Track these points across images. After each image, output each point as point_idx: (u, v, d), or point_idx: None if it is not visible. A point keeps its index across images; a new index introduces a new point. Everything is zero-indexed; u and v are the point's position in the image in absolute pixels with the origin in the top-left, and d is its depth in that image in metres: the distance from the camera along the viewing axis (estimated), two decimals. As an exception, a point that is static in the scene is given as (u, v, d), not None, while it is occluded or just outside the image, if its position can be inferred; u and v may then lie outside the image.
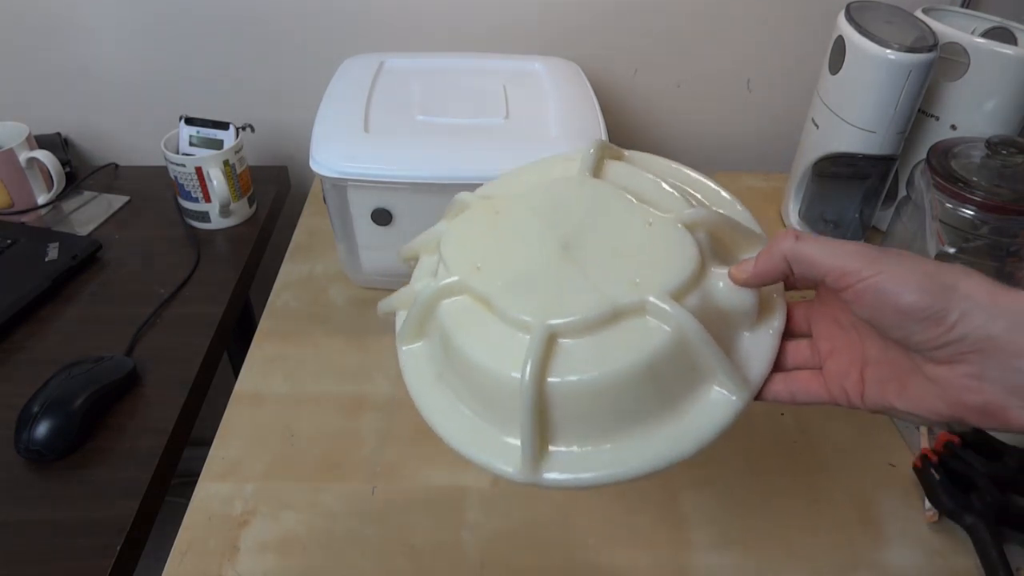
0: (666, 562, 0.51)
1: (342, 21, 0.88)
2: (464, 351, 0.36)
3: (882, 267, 0.30)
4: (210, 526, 0.53)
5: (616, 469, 0.34)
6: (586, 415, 0.35)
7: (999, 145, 0.62)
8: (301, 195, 0.94)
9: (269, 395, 0.63)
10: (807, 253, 0.32)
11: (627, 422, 0.35)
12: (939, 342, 0.29)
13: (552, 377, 0.34)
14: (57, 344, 0.68)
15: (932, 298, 0.29)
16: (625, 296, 0.34)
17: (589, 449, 0.35)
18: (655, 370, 0.34)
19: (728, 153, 1.00)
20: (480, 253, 0.38)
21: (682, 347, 0.34)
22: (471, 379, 0.37)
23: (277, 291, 0.75)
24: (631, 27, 0.89)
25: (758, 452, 0.59)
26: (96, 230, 0.83)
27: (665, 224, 0.37)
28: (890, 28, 0.69)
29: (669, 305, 0.34)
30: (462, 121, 0.68)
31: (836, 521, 0.54)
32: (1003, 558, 0.49)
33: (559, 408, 0.34)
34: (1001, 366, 0.28)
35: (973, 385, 0.29)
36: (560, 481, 0.35)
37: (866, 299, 0.30)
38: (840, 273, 0.31)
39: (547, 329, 0.34)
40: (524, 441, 0.34)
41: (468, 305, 0.37)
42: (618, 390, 0.34)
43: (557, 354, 0.34)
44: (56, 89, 0.92)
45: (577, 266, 0.36)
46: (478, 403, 0.37)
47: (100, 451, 0.58)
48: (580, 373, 0.34)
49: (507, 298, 0.36)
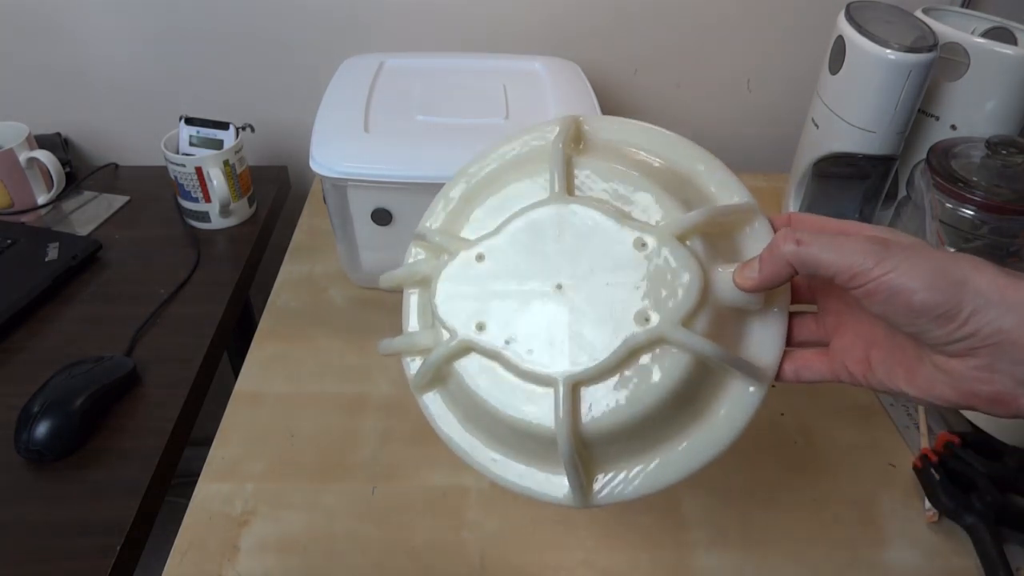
0: (666, 562, 0.51)
1: (342, 21, 0.88)
2: (491, 406, 0.37)
3: (892, 264, 0.29)
4: (210, 526, 0.53)
5: (661, 479, 0.37)
6: (622, 446, 0.36)
7: (999, 145, 0.62)
8: (301, 195, 0.94)
9: (269, 395, 0.63)
10: (811, 256, 0.31)
11: (661, 440, 0.37)
12: (952, 338, 0.29)
13: (584, 422, 0.35)
14: (57, 344, 0.68)
15: (944, 296, 0.29)
16: (638, 334, 0.34)
17: (632, 470, 0.37)
18: (680, 394, 0.35)
19: (728, 153, 0.98)
20: (477, 310, 0.37)
21: (702, 367, 0.35)
22: (502, 428, 0.38)
23: (277, 291, 0.75)
24: (631, 27, 0.89)
25: (758, 452, 0.59)
26: (96, 230, 0.83)
27: (658, 242, 0.35)
28: (890, 28, 0.69)
29: (684, 336, 0.34)
30: (462, 121, 0.68)
31: (836, 521, 0.54)
32: (1003, 558, 0.49)
33: (596, 447, 0.36)
34: (1012, 359, 0.28)
35: (984, 376, 0.29)
36: (612, 500, 0.37)
37: (877, 298, 0.30)
38: (849, 274, 0.30)
39: (569, 381, 0.35)
40: (570, 480, 0.36)
41: (482, 363, 0.37)
42: (649, 420, 0.35)
43: (584, 399, 0.35)
44: (56, 89, 0.92)
45: (578, 307, 0.36)
46: (513, 447, 0.39)
47: (100, 451, 0.58)
48: (610, 416, 0.35)
49: (520, 356, 0.36)
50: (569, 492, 0.37)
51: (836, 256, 0.30)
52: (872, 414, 0.63)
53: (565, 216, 0.37)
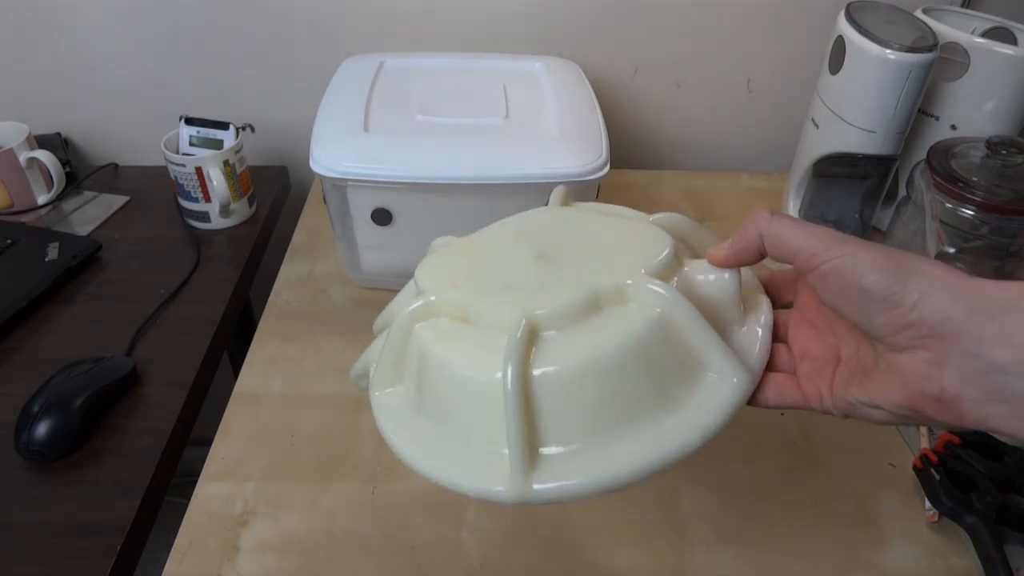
0: (666, 562, 0.51)
1: (342, 21, 0.88)
2: (443, 365, 0.34)
3: (846, 249, 0.30)
4: (210, 526, 0.53)
5: (614, 470, 0.31)
6: (576, 410, 0.32)
7: (999, 145, 0.62)
8: (301, 195, 0.94)
9: (269, 395, 0.63)
10: (780, 232, 0.32)
11: (622, 418, 0.32)
12: (899, 324, 0.29)
13: (536, 369, 0.32)
14: (57, 344, 0.68)
15: (892, 279, 0.29)
16: (604, 281, 0.34)
17: (583, 449, 0.32)
18: (645, 353, 0.32)
19: (728, 153, 1.00)
20: (454, 273, 0.37)
21: (671, 327, 0.33)
22: (452, 397, 0.35)
23: (277, 291, 0.75)
24: (631, 27, 0.89)
25: (758, 452, 0.59)
26: (96, 230, 0.83)
27: (636, 224, 0.38)
28: (890, 28, 0.69)
29: (653, 283, 0.33)
30: (462, 121, 0.68)
31: (836, 521, 0.54)
32: (1003, 558, 0.49)
33: (546, 404, 0.32)
34: (959, 352, 0.28)
35: (932, 372, 0.28)
36: (553, 491, 0.32)
37: (830, 281, 0.31)
38: (808, 254, 0.31)
39: (527, 321, 0.32)
40: (512, 446, 0.32)
41: (445, 326, 0.36)
42: (608, 377, 0.32)
43: (540, 348, 0.33)
44: (56, 89, 0.92)
45: (553, 268, 0.36)
46: (461, 424, 0.35)
47: (100, 451, 0.58)
48: (565, 361, 0.32)
49: (485, 302, 0.35)
50: (508, 475, 0.32)
51: (801, 236, 0.31)
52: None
53: (558, 213, 0.41)
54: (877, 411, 0.31)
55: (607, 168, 0.64)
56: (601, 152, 0.65)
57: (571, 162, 0.63)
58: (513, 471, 0.32)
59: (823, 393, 0.34)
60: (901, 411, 0.30)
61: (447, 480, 0.34)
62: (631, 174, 0.95)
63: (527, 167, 0.63)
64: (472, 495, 0.33)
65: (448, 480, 0.34)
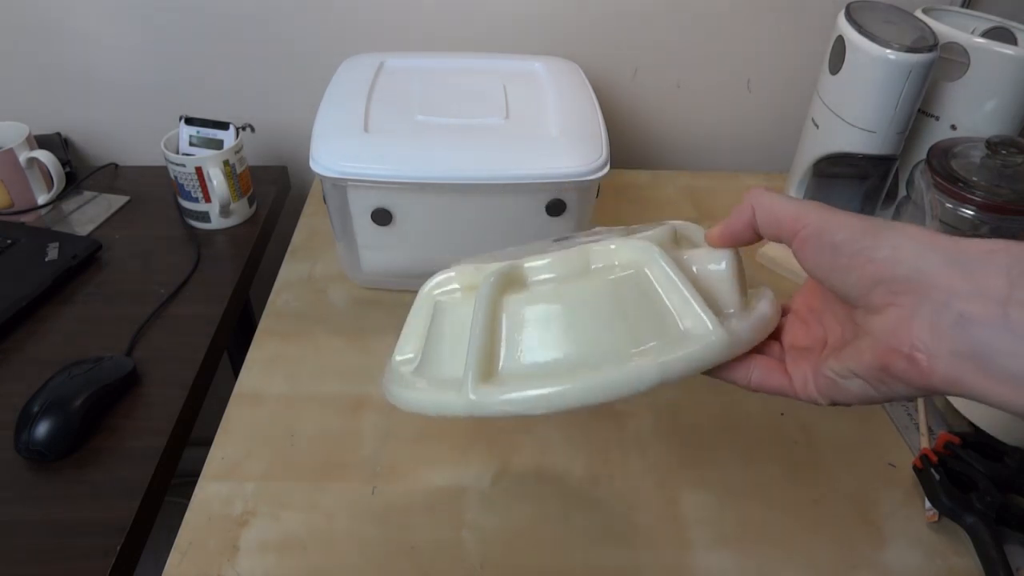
0: (666, 562, 0.51)
1: (342, 21, 0.88)
2: (443, 310, 0.37)
3: (826, 214, 0.31)
4: (210, 526, 0.53)
5: (564, 387, 0.31)
6: (540, 338, 0.33)
7: (999, 145, 0.62)
8: (301, 195, 0.94)
9: (269, 395, 0.63)
10: (769, 203, 0.33)
11: (586, 350, 0.33)
12: (870, 279, 0.29)
13: (508, 297, 0.34)
14: (57, 344, 0.68)
15: (862, 234, 0.29)
16: (595, 246, 0.35)
17: (541, 371, 0.33)
18: (620, 298, 0.33)
19: (728, 153, 1.00)
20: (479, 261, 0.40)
21: (649, 281, 0.34)
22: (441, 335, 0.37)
23: (277, 291, 0.75)
24: (631, 27, 0.89)
25: (758, 452, 0.59)
26: (96, 230, 0.83)
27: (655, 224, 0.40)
28: (890, 28, 0.69)
29: (634, 242, 0.34)
30: (462, 121, 0.68)
31: (836, 521, 0.54)
32: (1003, 558, 0.49)
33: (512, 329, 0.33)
34: (931, 304, 0.27)
35: (902, 328, 0.28)
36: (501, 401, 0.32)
37: (809, 244, 0.31)
38: (792, 220, 0.32)
39: (514, 264, 0.35)
40: (468, 359, 0.33)
41: (461, 295, 0.38)
42: (578, 315, 0.33)
43: (523, 289, 0.35)
44: (56, 89, 0.92)
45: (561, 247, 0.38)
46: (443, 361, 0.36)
47: (100, 451, 0.58)
48: (540, 298, 0.34)
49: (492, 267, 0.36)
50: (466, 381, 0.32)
51: (788, 206, 0.33)
52: (872, 414, 0.63)
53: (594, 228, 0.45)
54: (853, 380, 0.31)
55: (607, 168, 0.64)
56: (601, 152, 0.65)
57: (571, 162, 0.63)
58: (464, 382, 0.33)
59: (808, 376, 0.34)
60: (873, 373, 0.30)
61: (415, 406, 0.36)
62: (631, 174, 0.95)
63: (527, 167, 0.63)
64: (430, 413, 0.35)
65: (416, 406, 0.36)
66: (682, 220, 0.41)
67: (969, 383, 0.26)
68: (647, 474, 0.57)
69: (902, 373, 0.28)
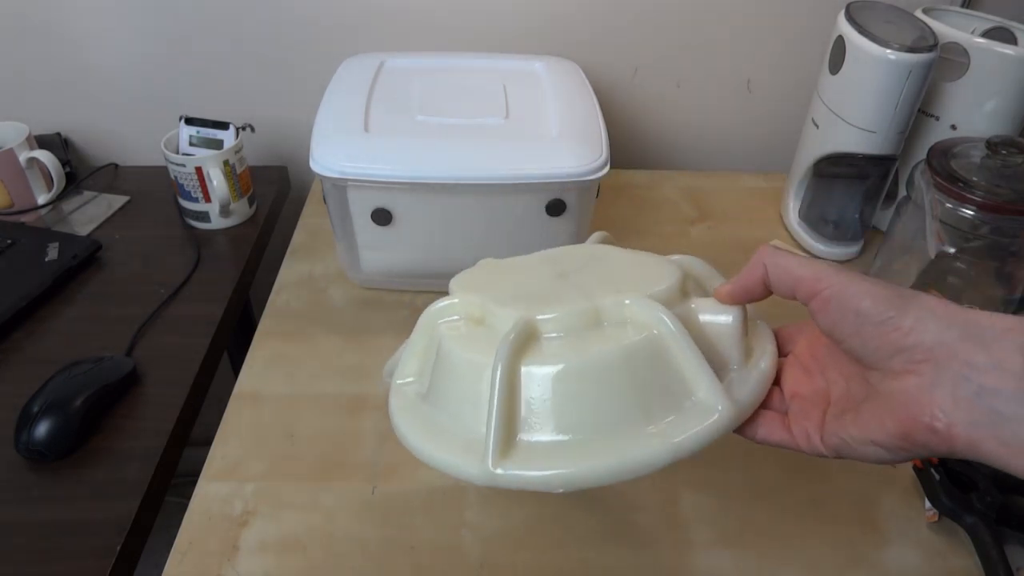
0: (666, 562, 0.51)
1: (342, 21, 0.88)
2: (450, 355, 0.38)
3: (845, 277, 0.32)
4: (210, 526, 0.53)
5: (580, 468, 0.33)
6: (557, 408, 0.34)
7: (999, 145, 0.62)
8: (301, 195, 0.94)
9: (269, 395, 0.63)
10: (783, 262, 0.34)
11: (601, 423, 0.34)
12: (893, 348, 0.30)
13: (525, 364, 0.34)
14: (57, 344, 0.68)
15: (888, 304, 0.30)
16: (608, 299, 0.36)
17: (557, 444, 0.34)
18: (632, 367, 0.34)
19: (728, 153, 1.00)
20: (480, 283, 0.42)
21: (662, 348, 0.35)
22: (452, 384, 0.38)
23: (277, 291, 0.75)
24: (631, 27, 0.89)
25: (758, 452, 0.59)
26: (96, 230, 0.83)
27: (656, 259, 0.41)
28: (890, 28, 0.69)
29: (648, 303, 0.35)
30: (462, 121, 0.68)
31: (836, 521, 0.54)
32: (1003, 558, 0.49)
33: (530, 397, 0.34)
34: (952, 375, 0.28)
35: (923, 397, 0.29)
36: (518, 477, 0.33)
37: (831, 305, 0.32)
38: (812, 280, 0.32)
39: (526, 321, 0.35)
40: (489, 430, 0.33)
41: (463, 327, 0.39)
42: (592, 383, 0.34)
43: (537, 348, 0.35)
44: (56, 89, 0.92)
45: (570, 286, 0.39)
46: (456, 410, 0.37)
47: (100, 451, 0.58)
48: (554, 360, 0.34)
49: (498, 307, 0.38)
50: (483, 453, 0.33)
51: (804, 265, 0.33)
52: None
53: (584, 247, 0.45)
54: (871, 448, 0.32)
55: (607, 168, 0.64)
56: (601, 152, 0.65)
57: (571, 162, 0.63)
58: (486, 453, 0.33)
59: (810, 433, 0.35)
60: (894, 441, 0.31)
61: (429, 458, 0.37)
62: (631, 174, 0.95)
63: (527, 167, 0.63)
64: (448, 473, 0.35)
65: (430, 459, 0.37)
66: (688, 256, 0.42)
67: (988, 451, 0.28)
68: (647, 474, 0.57)
69: (924, 440, 0.29)
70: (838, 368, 0.36)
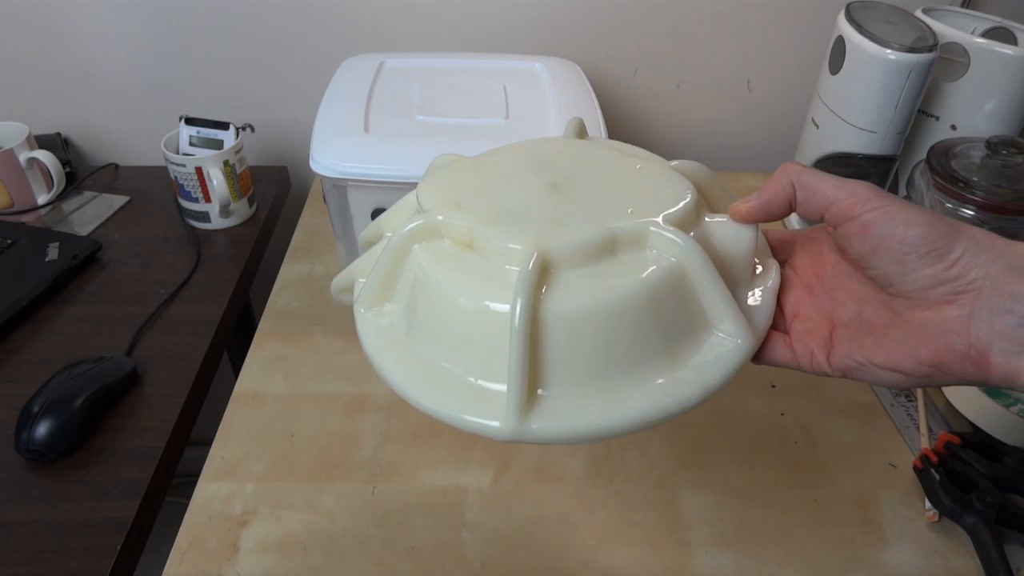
0: (666, 562, 0.51)
1: (342, 21, 0.88)
2: (444, 291, 0.33)
3: (889, 201, 0.30)
4: (210, 526, 0.53)
5: (609, 417, 0.31)
6: (580, 353, 0.31)
7: (999, 145, 0.62)
8: (301, 195, 0.94)
9: (269, 395, 0.63)
10: (814, 181, 0.32)
11: (624, 367, 0.32)
12: (937, 279, 0.29)
13: (545, 307, 0.30)
14: (57, 344, 0.68)
15: (939, 233, 0.29)
16: (623, 224, 0.32)
17: (582, 393, 0.31)
18: (656, 303, 0.31)
19: (728, 153, 1.00)
20: (461, 194, 0.35)
21: (685, 280, 0.32)
22: (449, 325, 0.33)
23: (277, 291, 0.75)
24: (631, 27, 0.89)
25: (758, 452, 0.59)
26: (96, 230, 0.83)
27: (656, 166, 0.37)
28: (890, 28, 0.69)
29: (672, 232, 0.32)
30: (462, 121, 0.68)
31: (836, 521, 0.54)
32: (1003, 558, 0.49)
33: (551, 344, 0.31)
34: (992, 307, 0.28)
35: (960, 328, 0.29)
36: (549, 431, 0.30)
37: (874, 228, 0.30)
38: (849, 202, 0.31)
39: (541, 254, 0.31)
40: (512, 382, 0.30)
41: (448, 249, 0.34)
42: (616, 324, 0.31)
43: (550, 285, 0.31)
44: (56, 89, 0.92)
45: (569, 201, 0.34)
46: (456, 354, 0.33)
47: (100, 451, 0.58)
48: (575, 302, 0.31)
49: (494, 229, 0.33)
50: (504, 409, 0.31)
51: (837, 187, 0.31)
52: (872, 414, 0.63)
53: (572, 144, 0.39)
54: (892, 374, 0.31)
55: (607, 168, 0.64)
56: (601, 152, 0.64)
57: (571, 162, 0.63)
58: (510, 408, 0.30)
59: (814, 351, 0.33)
60: (922, 369, 0.30)
61: (436, 409, 0.32)
62: (631, 174, 0.95)
63: (527, 167, 0.63)
64: (463, 428, 0.32)
65: (438, 410, 0.32)
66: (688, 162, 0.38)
67: None
68: (647, 474, 0.57)
69: (957, 370, 0.29)
70: (847, 290, 0.34)
